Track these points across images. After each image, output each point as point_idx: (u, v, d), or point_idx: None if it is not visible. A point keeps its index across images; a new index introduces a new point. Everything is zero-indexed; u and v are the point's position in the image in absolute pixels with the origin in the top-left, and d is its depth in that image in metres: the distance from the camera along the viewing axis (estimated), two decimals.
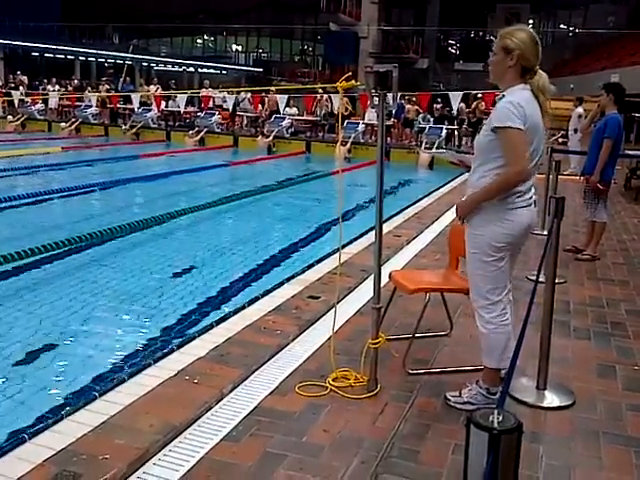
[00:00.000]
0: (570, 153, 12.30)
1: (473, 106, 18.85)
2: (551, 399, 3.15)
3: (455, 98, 17.12)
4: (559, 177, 7.11)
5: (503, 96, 2.87)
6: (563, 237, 3.49)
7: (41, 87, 25.80)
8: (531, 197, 2.88)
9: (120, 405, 2.90)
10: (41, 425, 2.75)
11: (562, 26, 41.24)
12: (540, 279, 2.79)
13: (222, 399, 3.03)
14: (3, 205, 8.58)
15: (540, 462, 2.61)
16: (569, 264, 5.75)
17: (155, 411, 2.84)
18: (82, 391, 3.44)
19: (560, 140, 15.59)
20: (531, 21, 39.82)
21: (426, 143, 16.62)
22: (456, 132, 18.74)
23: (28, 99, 22.39)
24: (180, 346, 3.64)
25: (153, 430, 2.67)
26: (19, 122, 21.22)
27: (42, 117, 22.15)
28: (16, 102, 22.23)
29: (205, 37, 53.32)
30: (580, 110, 13.35)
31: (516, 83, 2.84)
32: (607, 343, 3.94)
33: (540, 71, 2.86)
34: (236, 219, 8.94)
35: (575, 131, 13.22)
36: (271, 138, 17.92)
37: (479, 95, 18.30)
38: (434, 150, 15.68)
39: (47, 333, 4.46)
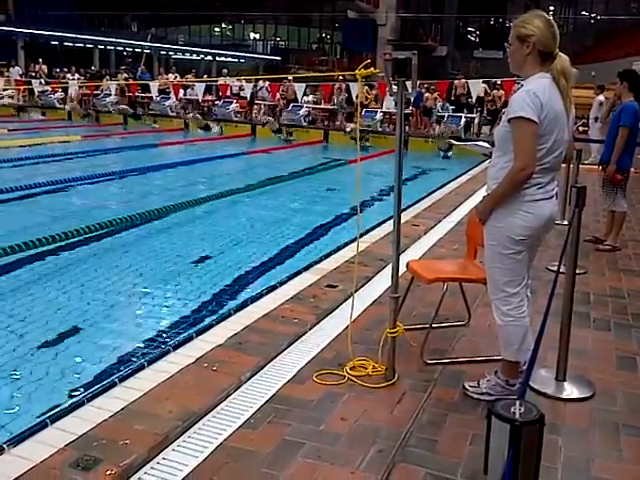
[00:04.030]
0: (589, 142, 12.12)
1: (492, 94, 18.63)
2: (570, 390, 3.13)
3: (474, 86, 16.94)
4: (580, 167, 7.02)
5: (521, 85, 2.82)
6: (584, 227, 3.45)
7: (60, 76, 25.96)
8: (553, 189, 2.82)
9: (140, 391, 2.93)
10: (62, 410, 2.79)
11: (583, 13, 40.58)
12: (561, 270, 2.76)
13: (240, 386, 3.05)
14: (25, 193, 8.68)
15: (559, 453, 2.60)
16: (590, 254, 5.69)
17: (174, 397, 2.87)
18: (102, 377, 3.48)
19: (581, 129, 15.38)
20: (552, 8, 39.24)
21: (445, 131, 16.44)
22: (475, 121, 18.55)
23: (48, 88, 22.56)
24: (199, 333, 3.67)
25: (172, 416, 2.70)
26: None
27: (62, 106, 22.32)
28: (36, 91, 22.41)
29: (223, 25, 53.28)
30: (601, 98, 13.15)
31: (536, 71, 2.77)
32: (627, 334, 3.89)
33: (560, 54, 2.78)
34: (254, 208, 8.96)
35: (596, 119, 13.04)
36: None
37: (498, 83, 18.09)
38: (463, 143, 15.34)
39: (68, 320, 4.51)
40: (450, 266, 3.98)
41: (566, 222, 3.12)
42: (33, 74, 25.69)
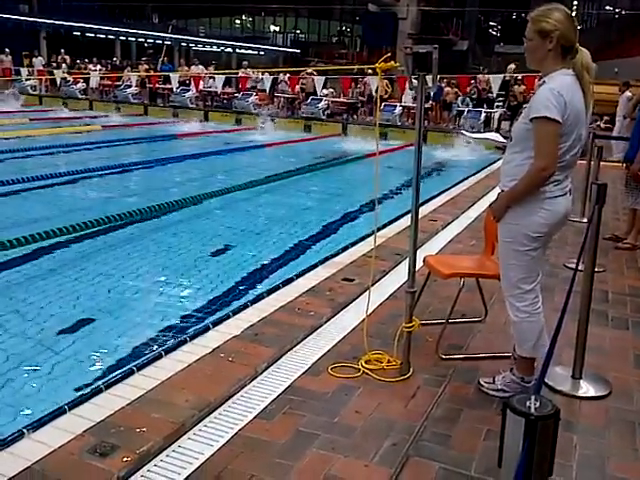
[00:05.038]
0: (613, 139, 11.98)
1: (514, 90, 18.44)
2: (586, 388, 3.11)
3: (495, 81, 16.79)
4: (602, 164, 6.94)
5: (544, 82, 2.74)
6: (603, 225, 3.42)
7: (82, 66, 26.15)
8: (567, 185, 2.80)
9: (157, 380, 2.97)
10: (80, 397, 2.83)
11: (608, 7, 39.95)
12: (579, 267, 2.74)
13: (256, 377, 3.08)
14: (45, 182, 8.78)
15: (574, 451, 2.59)
16: (609, 253, 5.64)
17: (191, 387, 2.90)
18: (120, 365, 3.53)
19: (603, 126, 15.20)
20: (575, 2, 38.73)
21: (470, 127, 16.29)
22: (495, 115, 18.37)
23: (70, 78, 22.76)
24: (215, 324, 3.70)
25: (189, 405, 2.73)
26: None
27: (83, 96, 22.51)
28: (58, 81, 22.59)
29: (243, 17, 53.29)
30: (628, 94, 12.95)
31: (558, 67, 2.72)
32: None
33: (581, 47, 2.73)
34: (271, 200, 8.98)
35: (624, 117, 12.85)
36: None
37: (519, 78, 17.91)
38: (475, 135, 15.17)
39: (86, 308, 4.57)
40: (467, 261, 3.97)
41: (585, 219, 3.08)
42: (55, 64, 25.90)
